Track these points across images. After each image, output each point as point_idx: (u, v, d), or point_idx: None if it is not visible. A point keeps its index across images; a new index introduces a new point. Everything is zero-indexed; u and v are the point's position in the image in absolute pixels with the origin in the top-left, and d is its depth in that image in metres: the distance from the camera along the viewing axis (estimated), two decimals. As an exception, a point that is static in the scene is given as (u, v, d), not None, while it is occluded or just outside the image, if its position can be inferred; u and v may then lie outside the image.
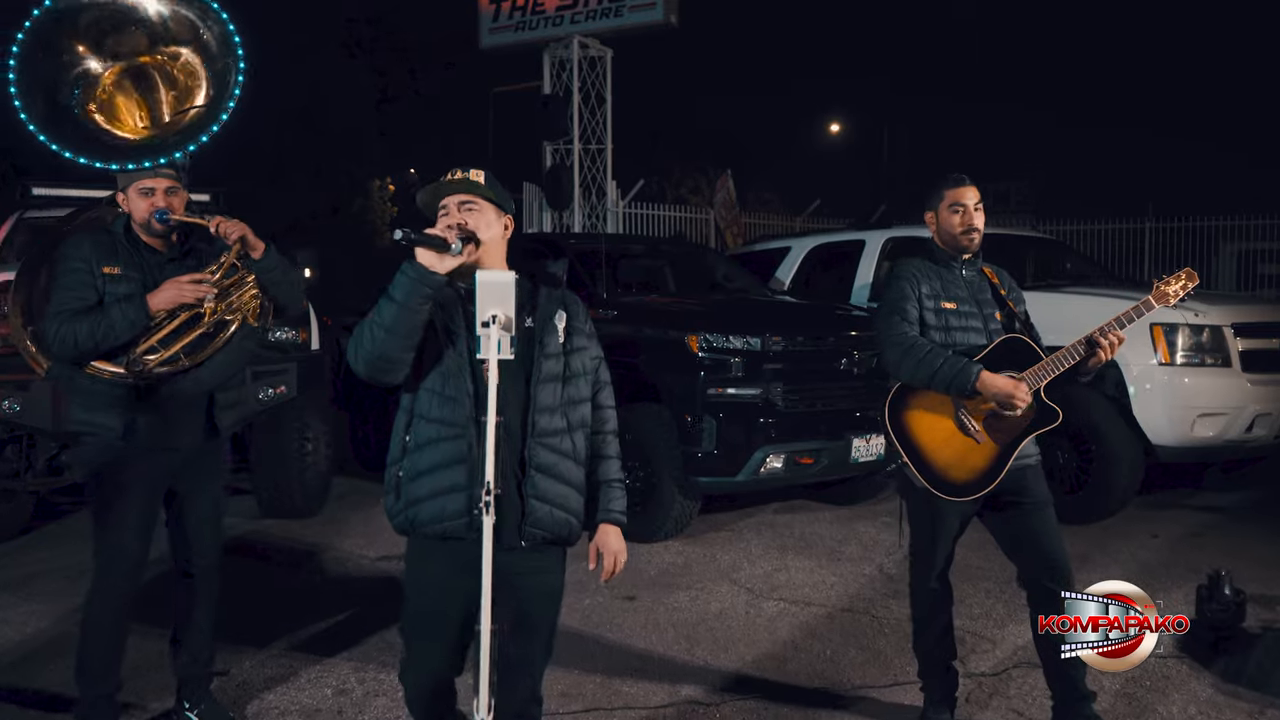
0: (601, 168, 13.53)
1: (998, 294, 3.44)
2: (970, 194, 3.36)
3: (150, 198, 3.11)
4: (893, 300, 3.34)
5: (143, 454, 3.13)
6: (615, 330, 6.16)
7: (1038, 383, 3.20)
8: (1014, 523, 3.35)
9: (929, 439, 3.26)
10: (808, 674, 3.96)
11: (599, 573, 2.64)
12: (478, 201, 2.46)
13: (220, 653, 4.04)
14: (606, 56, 13.45)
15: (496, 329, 1.95)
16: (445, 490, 2.40)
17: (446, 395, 2.41)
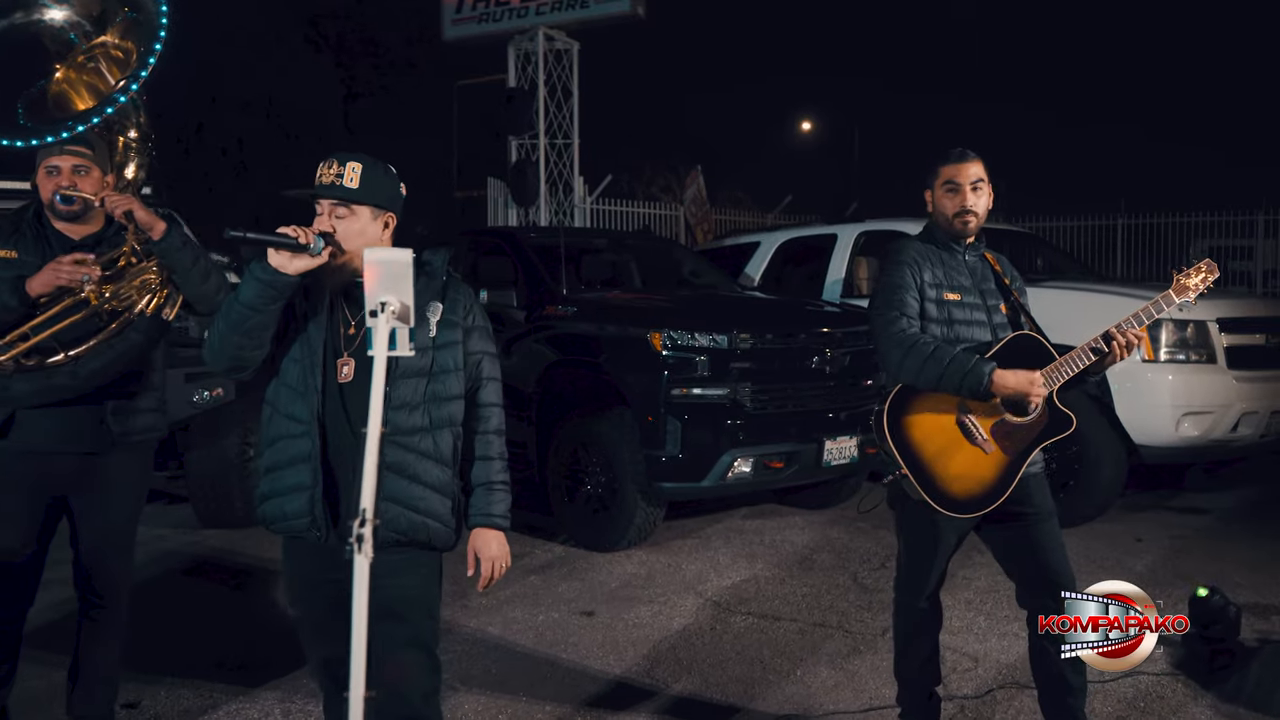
0: (568, 163, 13.19)
1: (1001, 283, 3.10)
2: (969, 171, 3.00)
3: (55, 177, 2.83)
4: (891, 290, 2.97)
5: (24, 457, 2.81)
6: (574, 328, 5.85)
7: (1053, 383, 2.89)
8: (1015, 536, 3.04)
9: (931, 448, 2.91)
10: (777, 698, 3.65)
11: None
12: (351, 208, 2.31)
13: (134, 681, 3.70)
14: (573, 49, 13.11)
15: (387, 319, 1.59)
16: (286, 490, 2.33)
17: (297, 390, 2.33)
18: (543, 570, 5.27)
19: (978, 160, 3.03)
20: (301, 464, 2.30)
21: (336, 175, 2.30)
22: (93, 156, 2.83)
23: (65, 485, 2.92)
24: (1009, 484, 2.89)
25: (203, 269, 2.89)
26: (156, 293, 2.89)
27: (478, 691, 3.68)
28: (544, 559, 5.48)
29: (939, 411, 2.92)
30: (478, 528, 2.48)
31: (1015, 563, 3.07)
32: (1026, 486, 2.99)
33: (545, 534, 5.92)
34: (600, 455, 5.57)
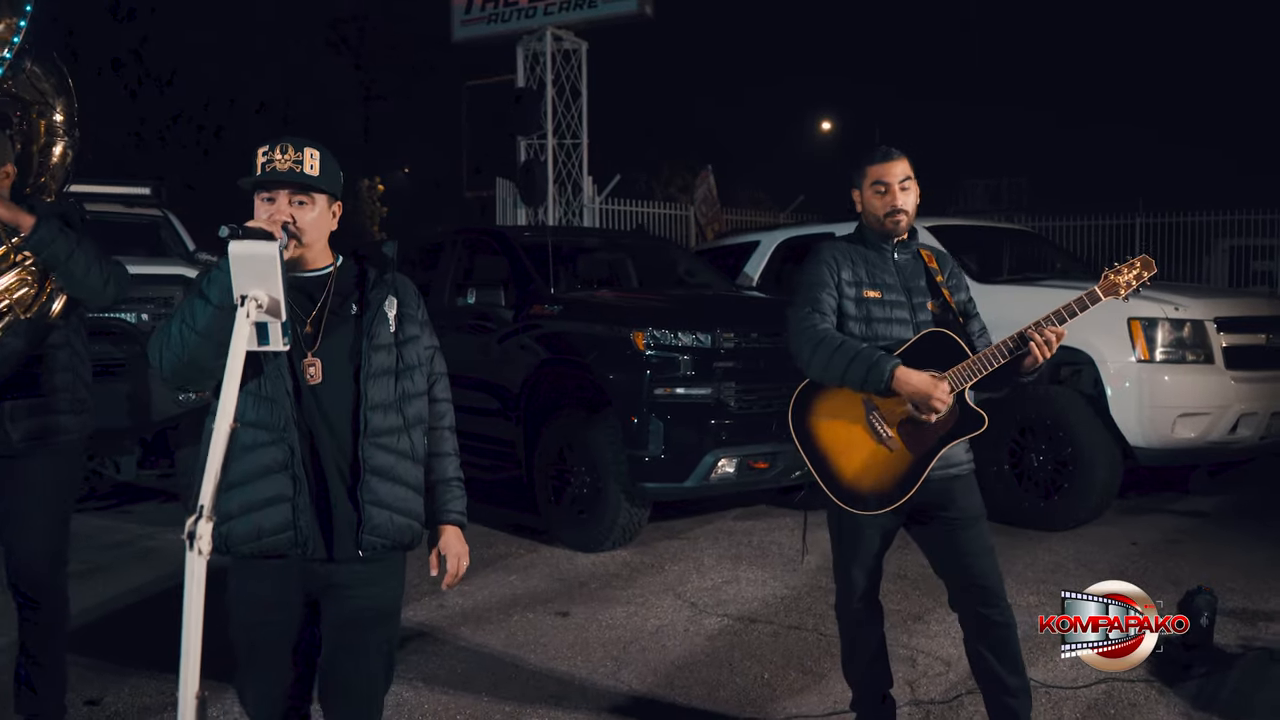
0: (577, 163, 13.17)
1: (933, 281, 3.05)
2: (896, 170, 2.96)
3: None
4: (807, 287, 2.96)
5: None
6: (561, 327, 5.83)
7: (961, 383, 2.84)
8: (940, 540, 3.00)
9: (836, 445, 2.90)
10: (739, 700, 3.61)
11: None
12: (312, 196, 2.21)
13: (100, 676, 3.74)
14: (581, 49, 13.09)
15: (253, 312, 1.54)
16: (262, 504, 2.14)
17: (261, 395, 2.15)
18: (524, 570, 5.25)
19: (904, 158, 3.00)
20: (276, 474, 2.14)
21: (295, 162, 2.18)
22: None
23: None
24: (914, 481, 2.86)
25: (82, 262, 2.78)
26: (35, 290, 2.82)
27: (439, 690, 3.66)
28: (527, 559, 5.46)
29: (845, 407, 2.91)
30: (441, 525, 2.39)
31: (942, 566, 3.04)
32: (951, 490, 2.94)
33: (531, 534, 5.89)
34: (585, 455, 5.54)
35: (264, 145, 2.22)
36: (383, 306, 2.28)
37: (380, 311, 2.27)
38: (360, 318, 2.24)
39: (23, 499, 2.93)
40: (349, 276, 2.31)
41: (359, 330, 2.22)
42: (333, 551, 2.19)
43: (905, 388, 2.79)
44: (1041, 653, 4.00)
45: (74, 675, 3.70)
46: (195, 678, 1.52)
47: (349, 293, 2.29)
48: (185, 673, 1.46)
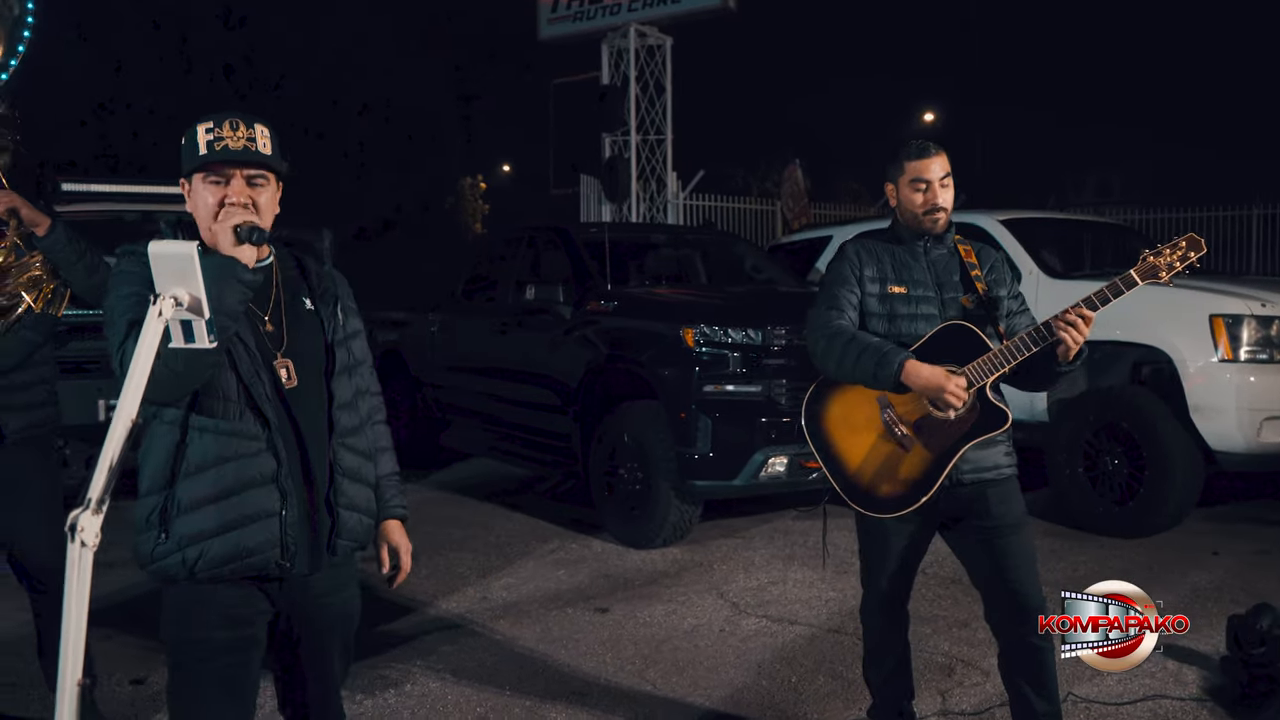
0: (661, 159, 13.16)
1: (968, 276, 2.92)
2: (936, 166, 2.84)
3: None
4: (828, 286, 2.89)
5: None
6: (615, 323, 5.82)
7: (982, 378, 2.71)
8: (975, 549, 2.87)
9: (849, 444, 2.82)
10: (760, 704, 3.54)
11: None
12: (265, 175, 2.03)
13: (145, 656, 3.89)
14: (666, 44, 13.06)
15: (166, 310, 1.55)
16: (244, 520, 1.98)
17: (239, 401, 2.00)
18: (572, 565, 5.27)
19: (943, 154, 2.87)
20: (261, 487, 1.99)
21: (248, 139, 1.98)
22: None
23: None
24: (932, 483, 2.74)
25: (89, 263, 2.92)
26: (42, 288, 2.94)
27: (465, 683, 3.70)
28: (577, 554, 5.48)
29: (859, 405, 2.82)
30: (387, 520, 2.29)
31: (977, 577, 2.91)
32: (984, 495, 2.81)
33: (588, 529, 5.91)
34: (636, 452, 5.53)
35: (205, 121, 2.01)
36: (334, 302, 2.18)
37: (333, 307, 2.17)
38: (317, 314, 2.15)
39: (19, 488, 3.05)
40: (289, 267, 2.17)
41: (319, 327, 2.13)
42: (313, 562, 2.07)
43: (916, 381, 2.69)
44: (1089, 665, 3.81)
45: (120, 655, 3.90)
46: (79, 665, 1.55)
47: (297, 287, 2.16)
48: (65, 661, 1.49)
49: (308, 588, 2.10)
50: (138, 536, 2.00)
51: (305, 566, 2.05)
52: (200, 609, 2.01)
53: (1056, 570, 5.00)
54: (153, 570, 2.00)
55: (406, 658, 3.95)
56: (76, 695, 1.49)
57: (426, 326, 7.78)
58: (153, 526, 1.98)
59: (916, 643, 4.02)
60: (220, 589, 2.00)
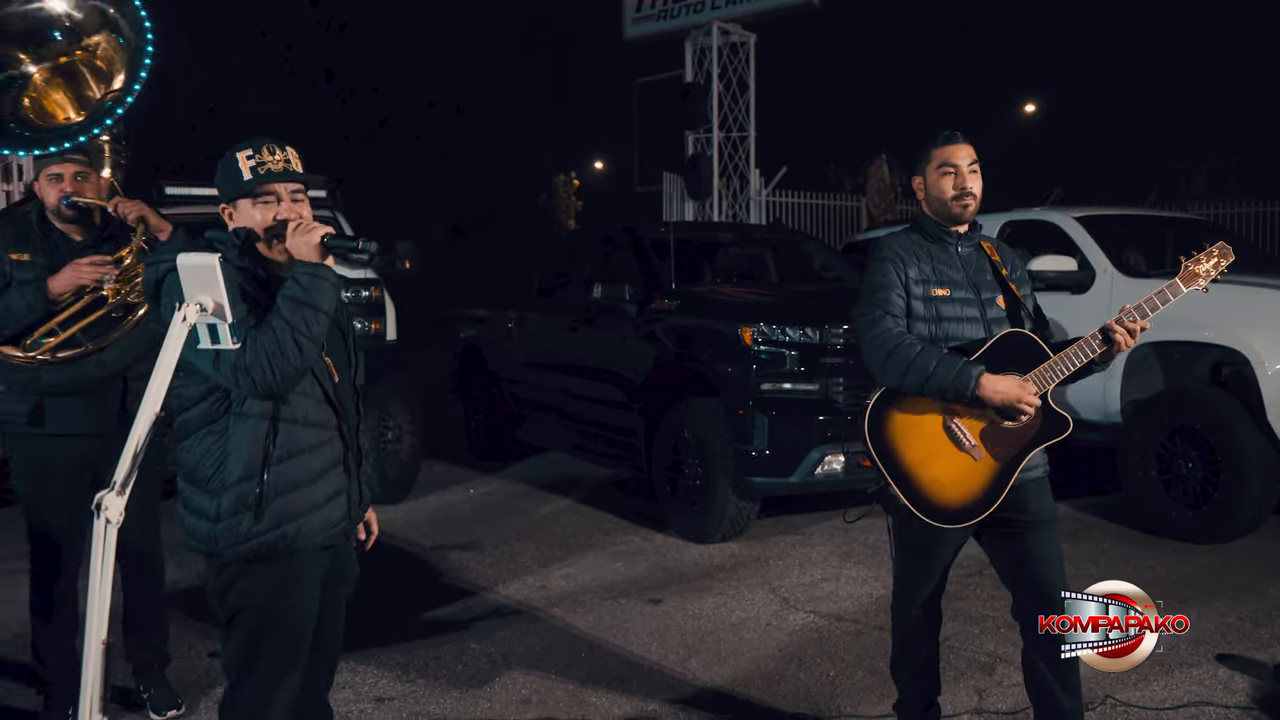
0: (744, 156, 13.19)
1: (999, 275, 2.92)
2: (964, 152, 2.84)
3: (58, 184, 3.11)
4: (874, 288, 2.85)
5: (56, 440, 3.15)
6: (678, 321, 5.93)
7: (1045, 385, 2.72)
8: (1008, 545, 2.88)
9: (915, 455, 2.77)
10: (795, 696, 3.62)
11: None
12: (303, 192, 2.30)
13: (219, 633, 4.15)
14: (749, 41, 13.08)
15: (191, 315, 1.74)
16: (326, 500, 2.27)
17: (312, 395, 2.26)
18: (631, 557, 5.41)
19: (969, 144, 2.88)
20: (334, 470, 2.27)
21: (286, 161, 2.25)
22: (89, 162, 3.13)
23: (96, 463, 3.22)
24: (999, 493, 2.74)
25: None
26: None
27: (513, 666, 3.87)
28: (638, 547, 5.61)
29: (924, 415, 2.77)
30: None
31: (1008, 573, 2.92)
32: (1023, 492, 2.82)
33: (651, 523, 6.04)
34: (696, 448, 5.63)
35: (244, 150, 2.25)
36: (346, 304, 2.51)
37: (345, 307, 2.47)
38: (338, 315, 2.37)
39: None
40: None
41: (341, 326, 2.39)
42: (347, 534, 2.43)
43: (993, 395, 2.67)
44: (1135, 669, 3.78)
45: (200, 630, 4.18)
46: (104, 626, 1.73)
47: None
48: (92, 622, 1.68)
49: (339, 560, 2.41)
50: (220, 523, 2.17)
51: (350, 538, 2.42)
52: (292, 578, 2.26)
53: (1123, 575, 4.90)
54: (245, 549, 2.19)
55: (463, 640, 4.15)
56: (102, 653, 1.67)
57: (504, 323, 8.01)
58: (244, 509, 2.17)
59: (962, 641, 4.06)
60: (307, 559, 2.27)
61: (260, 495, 2.17)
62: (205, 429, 2.18)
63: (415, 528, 6.09)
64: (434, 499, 6.86)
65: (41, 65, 3.15)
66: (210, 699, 3.58)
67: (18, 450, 3.24)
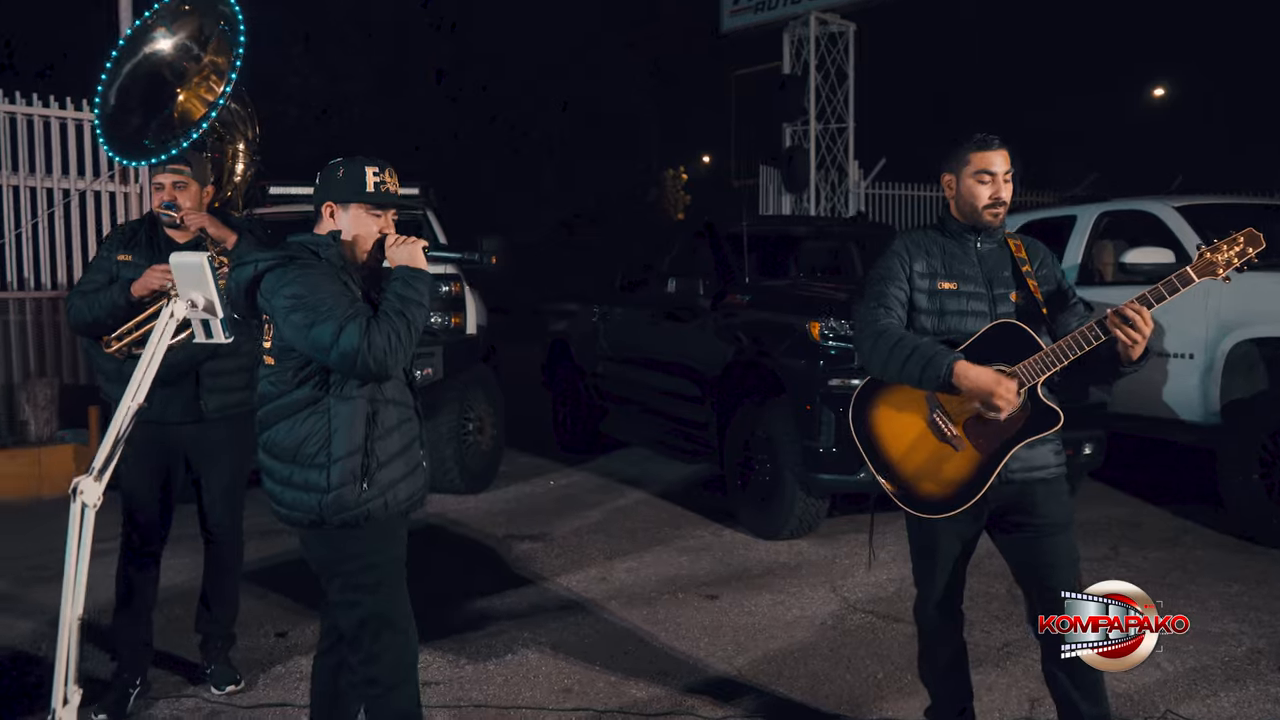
0: (842, 147, 12.98)
1: (1018, 271, 2.84)
2: (1001, 159, 2.76)
3: (160, 193, 3.35)
4: (875, 281, 2.86)
5: (144, 426, 3.35)
6: (749, 316, 5.90)
7: (1033, 378, 2.64)
8: (1019, 548, 2.82)
9: (898, 444, 2.79)
10: (837, 697, 3.56)
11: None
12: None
13: (291, 614, 4.35)
14: (848, 31, 12.86)
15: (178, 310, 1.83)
16: (411, 470, 2.56)
17: (399, 379, 2.54)
18: (697, 552, 5.40)
19: (1006, 149, 2.79)
20: (414, 443, 2.58)
21: (396, 186, 2.58)
22: (190, 172, 3.34)
23: (182, 448, 3.49)
24: (981, 484, 2.69)
25: None
26: None
27: (560, 656, 3.92)
28: (706, 542, 5.60)
29: (908, 405, 2.78)
30: None
31: (1021, 577, 2.86)
32: (1033, 494, 2.75)
33: (724, 518, 6.02)
34: (766, 443, 5.58)
35: (371, 165, 2.54)
36: None
37: None
38: None
39: (212, 459, 3.53)
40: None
41: None
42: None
43: (965, 383, 2.63)
44: (1204, 681, 3.60)
45: (269, 611, 4.38)
46: (79, 603, 1.83)
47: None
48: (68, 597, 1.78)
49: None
50: (330, 493, 2.41)
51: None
52: (393, 537, 2.57)
53: (1213, 585, 4.69)
54: (354, 515, 2.44)
55: (516, 629, 4.22)
56: (77, 628, 1.78)
57: (589, 317, 8.09)
58: (354, 479, 2.42)
59: (1020, 649, 3.93)
60: (399, 522, 2.57)
61: (366, 467, 2.43)
62: (306, 411, 2.41)
63: (490, 517, 6.22)
64: (513, 490, 6.99)
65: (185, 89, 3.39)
66: (270, 677, 3.75)
67: None
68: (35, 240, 7.45)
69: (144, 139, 3.33)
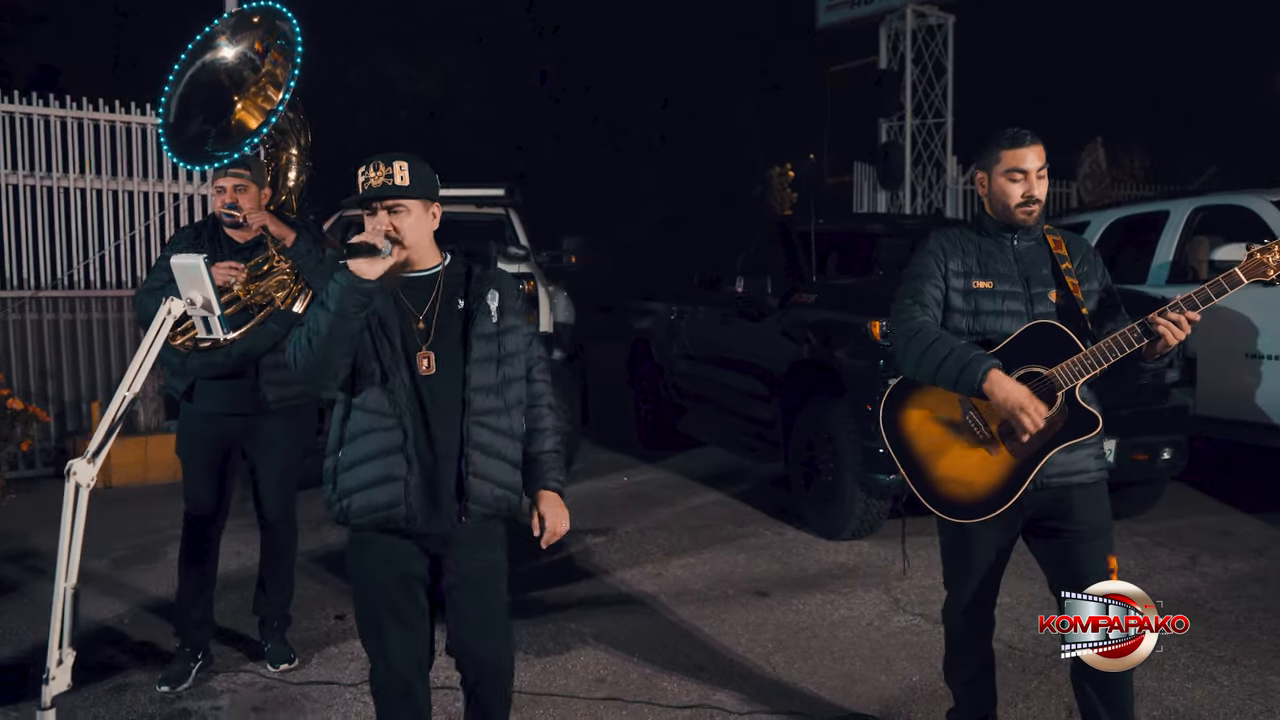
0: (940, 143, 12.70)
1: (1058, 269, 2.78)
2: (1033, 156, 2.71)
3: (221, 195, 3.54)
4: (910, 279, 2.82)
5: (203, 416, 3.59)
6: (814, 315, 5.87)
7: (1072, 380, 2.59)
8: (1054, 554, 2.78)
9: (928, 446, 2.74)
10: (868, 698, 3.55)
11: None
12: (403, 203, 2.43)
13: (346, 598, 4.53)
14: (947, 23, 12.57)
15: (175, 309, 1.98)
16: (376, 481, 2.40)
17: (382, 385, 2.42)
18: (757, 551, 5.42)
19: (1039, 144, 2.73)
20: (392, 455, 2.38)
21: (387, 176, 2.39)
22: (250, 176, 3.51)
23: (238, 439, 3.69)
24: (1016, 488, 2.64)
25: (326, 269, 3.48)
26: (290, 289, 3.53)
27: (600, 647, 4.01)
28: (767, 541, 5.61)
29: (941, 406, 2.74)
30: (541, 491, 2.57)
31: (1055, 584, 2.79)
32: (1070, 499, 2.69)
33: (789, 518, 6.02)
34: (829, 443, 5.56)
35: (361, 166, 2.42)
36: (485, 299, 2.50)
37: (484, 304, 2.50)
38: (466, 310, 2.48)
39: (265, 447, 3.71)
40: (457, 273, 2.54)
41: (468, 320, 2.47)
42: (441, 522, 2.43)
43: (998, 394, 2.57)
44: (1261, 697, 3.45)
45: (330, 595, 4.60)
46: (74, 574, 1.99)
47: (456, 289, 2.52)
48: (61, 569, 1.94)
49: (450, 542, 2.48)
50: (323, 488, 2.47)
51: (430, 524, 2.42)
52: (363, 551, 2.48)
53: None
54: (332, 514, 2.46)
55: (563, 620, 4.33)
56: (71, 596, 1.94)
57: (667, 315, 8.16)
58: (329, 480, 2.45)
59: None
60: (377, 536, 2.43)
61: (335, 469, 2.42)
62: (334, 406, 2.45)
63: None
64: (587, 485, 7.11)
65: (243, 98, 3.58)
66: (324, 657, 3.94)
67: (179, 422, 3.75)
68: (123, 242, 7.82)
69: (204, 145, 3.53)
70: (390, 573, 2.46)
